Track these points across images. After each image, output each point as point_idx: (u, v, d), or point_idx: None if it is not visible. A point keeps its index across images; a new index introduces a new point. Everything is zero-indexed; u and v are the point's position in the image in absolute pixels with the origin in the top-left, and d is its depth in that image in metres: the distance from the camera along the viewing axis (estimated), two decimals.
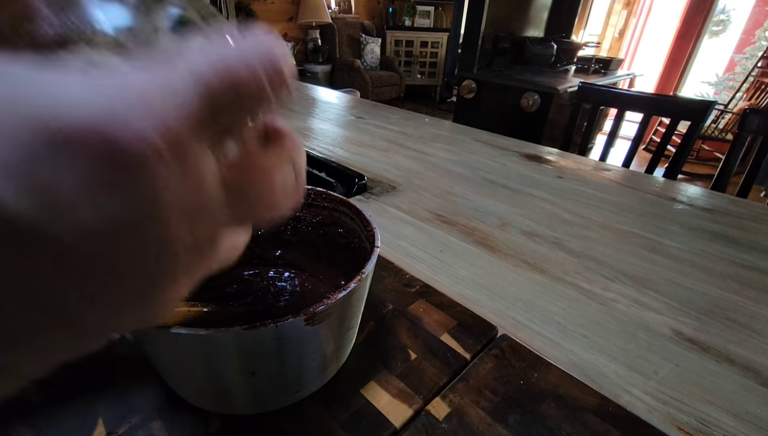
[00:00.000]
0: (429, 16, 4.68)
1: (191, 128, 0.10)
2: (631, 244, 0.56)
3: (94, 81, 0.09)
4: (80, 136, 0.08)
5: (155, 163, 0.09)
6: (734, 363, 0.37)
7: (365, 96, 3.86)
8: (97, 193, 0.08)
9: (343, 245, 0.38)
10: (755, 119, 1.01)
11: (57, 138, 0.08)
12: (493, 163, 0.84)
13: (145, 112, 0.09)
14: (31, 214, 0.08)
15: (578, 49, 3.05)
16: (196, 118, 0.10)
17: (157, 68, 0.10)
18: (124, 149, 0.08)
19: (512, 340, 0.37)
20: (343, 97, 1.37)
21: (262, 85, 0.11)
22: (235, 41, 0.11)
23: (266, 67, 0.11)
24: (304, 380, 0.29)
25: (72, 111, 0.08)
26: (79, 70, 0.09)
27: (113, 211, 0.09)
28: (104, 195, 0.08)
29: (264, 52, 0.11)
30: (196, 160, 0.10)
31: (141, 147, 0.09)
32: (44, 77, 0.08)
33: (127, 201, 0.09)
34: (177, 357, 0.26)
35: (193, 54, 0.10)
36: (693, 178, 2.98)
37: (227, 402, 0.29)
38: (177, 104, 0.09)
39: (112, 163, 0.08)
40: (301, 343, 0.26)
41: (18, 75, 0.08)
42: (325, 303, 0.24)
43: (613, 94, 1.29)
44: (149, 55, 0.10)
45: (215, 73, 0.10)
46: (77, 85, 0.08)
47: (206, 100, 0.10)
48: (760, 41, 3.27)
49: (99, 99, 0.08)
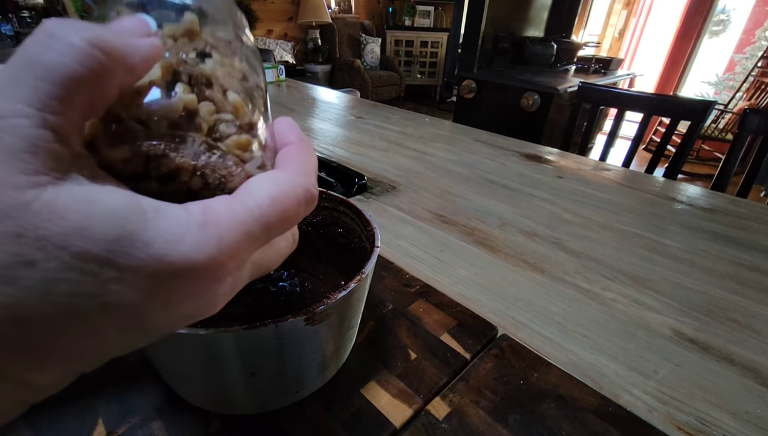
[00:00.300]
0: (429, 16, 4.68)
1: (246, 240, 0.13)
2: (631, 244, 0.56)
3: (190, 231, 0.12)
4: (179, 276, 0.12)
5: (220, 284, 0.13)
6: (734, 363, 0.37)
7: (365, 96, 3.86)
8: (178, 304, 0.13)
9: (343, 244, 0.38)
10: (755, 119, 1.01)
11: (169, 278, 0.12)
12: (493, 163, 0.84)
13: (222, 250, 0.13)
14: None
15: (578, 49, 3.05)
16: (258, 244, 0.14)
17: (228, 202, 0.14)
18: (200, 279, 0.12)
19: (512, 340, 0.37)
20: (343, 97, 1.37)
21: (304, 211, 0.16)
22: (285, 165, 0.17)
23: (308, 197, 0.16)
24: (304, 380, 0.29)
25: (174, 256, 0.12)
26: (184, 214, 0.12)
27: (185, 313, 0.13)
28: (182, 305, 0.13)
29: (305, 186, 0.16)
30: (246, 258, 0.14)
31: (214, 275, 0.13)
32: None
33: (192, 307, 0.13)
34: (177, 357, 0.26)
35: (259, 189, 0.14)
36: (693, 178, 2.98)
37: (227, 402, 0.29)
38: (250, 242, 0.14)
39: (185, 275, 0.12)
40: (301, 343, 0.26)
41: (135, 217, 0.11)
42: (326, 303, 0.24)
43: (613, 94, 1.29)
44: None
45: (276, 213, 0.14)
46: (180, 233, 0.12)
47: (266, 232, 0.14)
48: (760, 41, 3.27)
49: (193, 244, 0.12)
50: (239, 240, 0.13)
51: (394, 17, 4.71)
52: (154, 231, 0.11)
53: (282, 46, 3.94)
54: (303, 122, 1.06)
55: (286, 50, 3.95)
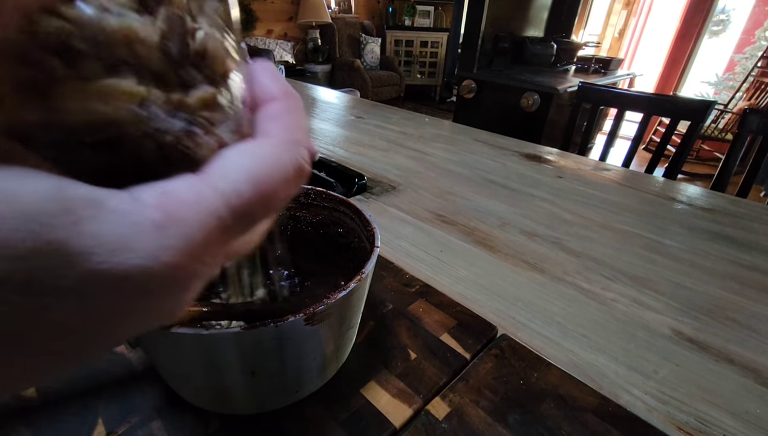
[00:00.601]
0: (429, 16, 4.68)
1: (219, 236, 0.10)
2: (631, 244, 0.56)
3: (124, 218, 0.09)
4: (113, 284, 0.09)
5: (186, 292, 0.10)
6: (734, 363, 0.37)
7: (365, 96, 3.86)
8: (132, 313, 0.10)
9: (343, 244, 0.38)
10: (755, 119, 1.01)
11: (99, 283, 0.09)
12: (493, 163, 0.84)
13: (188, 254, 0.10)
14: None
15: (578, 49, 3.05)
16: (234, 239, 0.11)
17: (195, 187, 0.10)
18: (159, 293, 0.10)
19: (512, 340, 0.37)
20: (343, 97, 1.37)
21: (295, 190, 0.13)
22: (272, 128, 0.13)
23: (299, 172, 0.12)
24: (304, 380, 0.29)
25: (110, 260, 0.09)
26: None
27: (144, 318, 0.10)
28: (137, 313, 0.10)
29: (295, 159, 0.12)
30: (219, 255, 0.11)
31: (177, 285, 0.10)
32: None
33: (154, 309, 0.10)
34: (177, 357, 0.26)
35: (235, 166, 0.11)
36: (693, 178, 2.98)
37: (227, 402, 0.29)
38: (224, 238, 0.11)
39: (140, 291, 0.09)
40: (301, 343, 0.26)
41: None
42: (325, 303, 0.24)
43: (612, 94, 1.29)
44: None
45: (259, 199, 0.11)
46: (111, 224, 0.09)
47: (246, 223, 0.11)
48: (759, 41, 3.27)
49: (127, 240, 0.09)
50: (209, 239, 0.10)
51: (394, 17, 4.71)
52: (90, 239, 0.08)
53: (282, 46, 3.94)
54: None
55: (285, 50, 3.95)
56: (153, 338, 0.25)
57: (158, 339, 0.24)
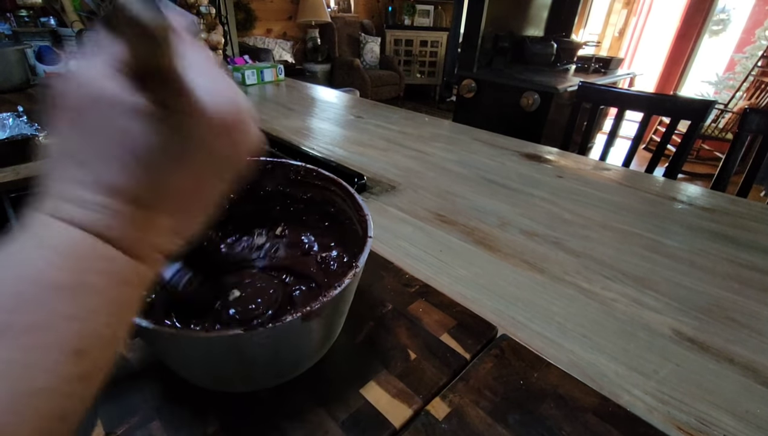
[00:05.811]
0: (429, 15, 4.67)
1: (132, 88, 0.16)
2: (631, 243, 0.56)
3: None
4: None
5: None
6: (734, 363, 0.37)
7: (365, 95, 3.86)
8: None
9: (333, 219, 0.40)
10: (755, 118, 1.01)
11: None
12: (492, 162, 0.84)
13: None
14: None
15: (578, 48, 3.04)
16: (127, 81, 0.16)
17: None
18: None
19: (512, 340, 0.37)
20: (343, 97, 1.37)
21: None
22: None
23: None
24: (298, 363, 0.30)
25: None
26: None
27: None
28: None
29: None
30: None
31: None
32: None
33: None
34: (179, 352, 0.28)
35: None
36: (693, 177, 2.98)
37: (226, 384, 0.30)
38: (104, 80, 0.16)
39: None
40: (296, 337, 0.27)
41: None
42: (321, 301, 0.25)
43: (613, 94, 1.29)
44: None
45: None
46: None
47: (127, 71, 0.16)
48: (760, 40, 3.26)
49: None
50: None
51: (394, 16, 4.70)
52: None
53: (281, 45, 3.93)
54: (302, 122, 1.06)
55: (285, 49, 3.94)
56: (158, 337, 0.25)
57: (164, 339, 0.25)
